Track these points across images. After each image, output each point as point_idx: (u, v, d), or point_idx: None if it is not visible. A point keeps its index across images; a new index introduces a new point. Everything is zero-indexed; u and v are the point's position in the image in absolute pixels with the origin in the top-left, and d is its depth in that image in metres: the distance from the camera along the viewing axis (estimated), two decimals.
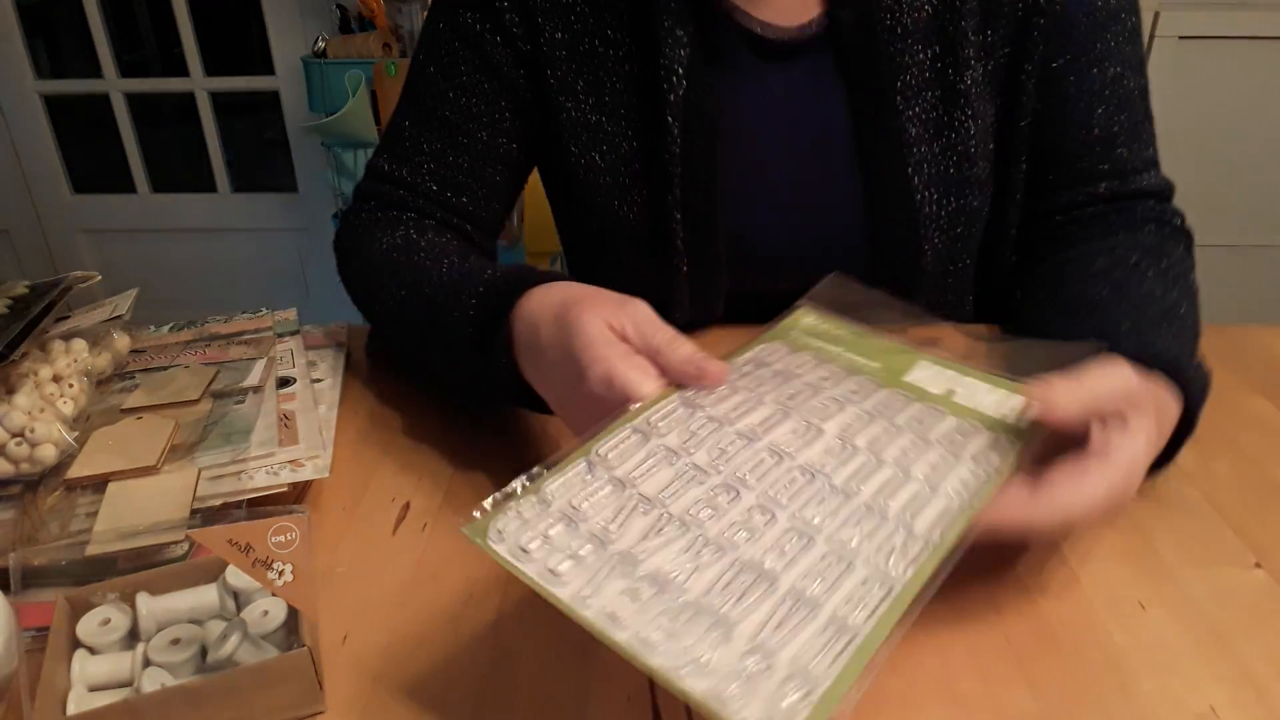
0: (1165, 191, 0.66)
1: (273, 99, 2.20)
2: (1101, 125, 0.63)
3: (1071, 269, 0.60)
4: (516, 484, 0.38)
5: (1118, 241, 0.61)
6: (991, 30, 0.61)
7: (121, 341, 0.63)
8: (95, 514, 0.47)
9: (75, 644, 0.40)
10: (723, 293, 0.69)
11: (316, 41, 1.83)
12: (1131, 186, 0.65)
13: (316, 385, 0.61)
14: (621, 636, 0.32)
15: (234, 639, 0.38)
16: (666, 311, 0.46)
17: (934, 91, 0.61)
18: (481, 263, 0.58)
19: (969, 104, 0.61)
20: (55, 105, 2.28)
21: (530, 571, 0.34)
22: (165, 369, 0.62)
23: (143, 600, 0.41)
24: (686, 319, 0.68)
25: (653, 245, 0.66)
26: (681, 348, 0.43)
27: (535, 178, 0.78)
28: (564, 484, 0.38)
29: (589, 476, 0.38)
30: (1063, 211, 0.66)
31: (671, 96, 0.62)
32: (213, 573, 0.42)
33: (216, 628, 0.39)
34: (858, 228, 0.65)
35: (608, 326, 0.44)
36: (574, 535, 0.36)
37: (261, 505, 0.48)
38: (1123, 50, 0.63)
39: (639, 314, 0.45)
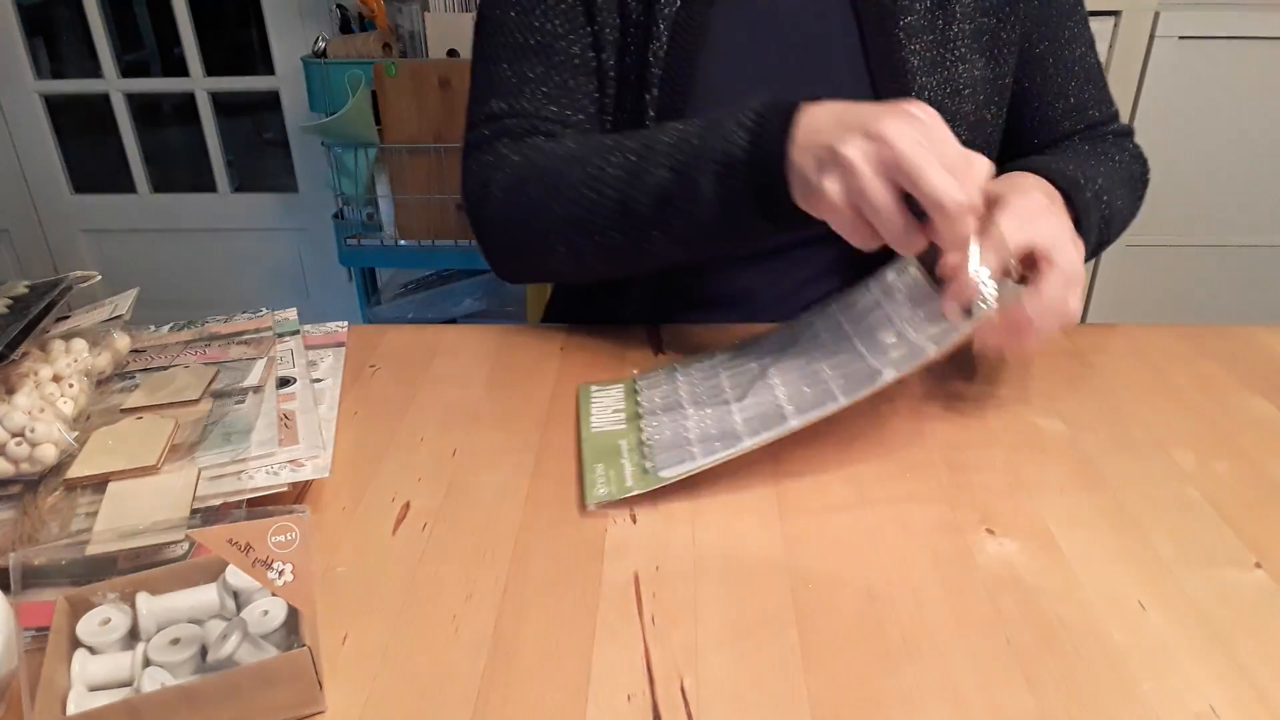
0: (1128, 131, 0.80)
1: (273, 99, 2.20)
2: (1075, 95, 0.77)
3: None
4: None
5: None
6: None
7: (121, 341, 0.63)
8: (95, 514, 0.47)
9: (75, 644, 0.40)
10: None
11: (316, 42, 1.82)
12: (1099, 133, 0.78)
13: (316, 385, 0.61)
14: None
15: (234, 639, 0.38)
16: None
17: (930, 35, 0.71)
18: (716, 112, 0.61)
19: (956, 49, 0.71)
20: (55, 105, 2.28)
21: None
22: (165, 369, 0.62)
23: (143, 600, 0.41)
24: None
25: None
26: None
27: None
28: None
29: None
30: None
31: (666, 10, 0.69)
32: (213, 573, 0.42)
33: (216, 628, 0.39)
34: None
35: None
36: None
37: (261, 505, 0.48)
38: (1084, 33, 0.77)
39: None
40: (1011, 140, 0.78)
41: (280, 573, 0.37)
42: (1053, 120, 0.77)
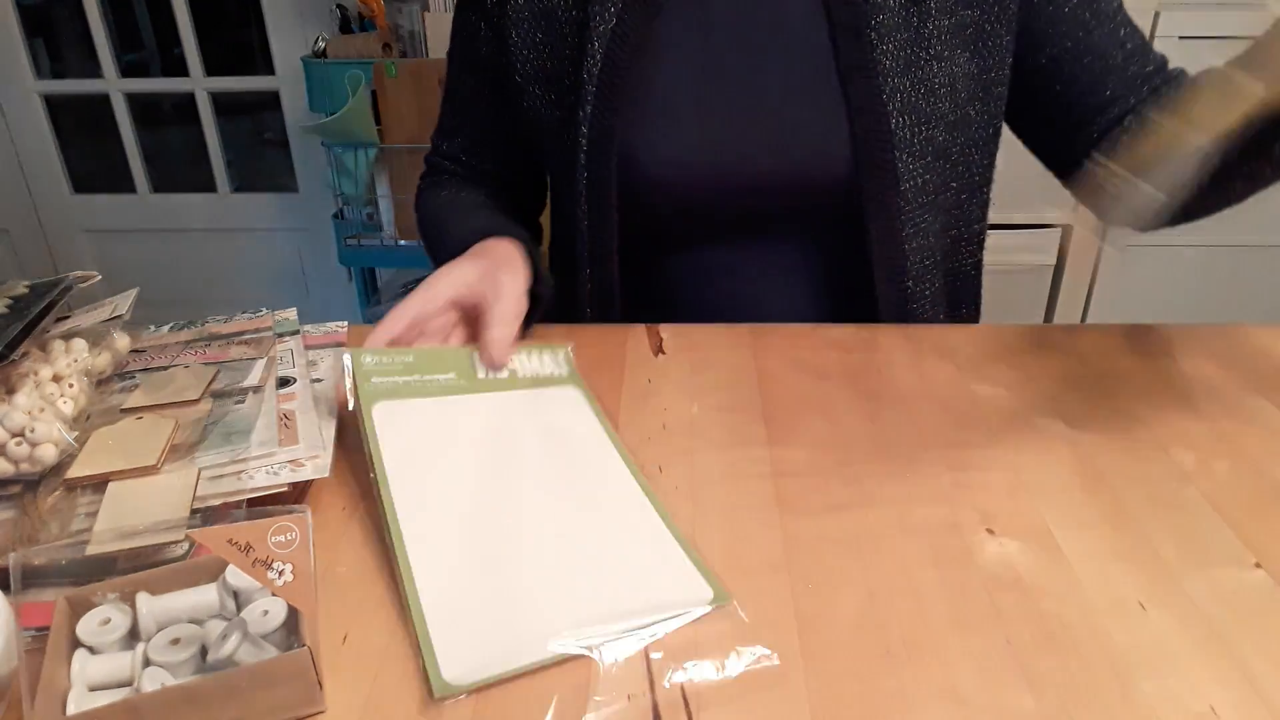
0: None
1: (273, 99, 2.20)
2: (1130, 40, 0.72)
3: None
4: None
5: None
6: None
7: (121, 341, 0.63)
8: (95, 514, 0.47)
9: (75, 644, 0.40)
10: (613, 213, 0.74)
11: (316, 41, 1.83)
12: (1172, 74, 0.73)
13: (316, 385, 0.60)
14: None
15: (234, 639, 0.38)
16: (574, 232, 0.72)
17: (904, 34, 0.69)
18: (482, 223, 0.72)
19: (932, 46, 0.70)
20: (55, 105, 2.28)
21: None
22: (165, 369, 0.62)
23: (143, 600, 0.41)
24: (587, 247, 0.76)
25: (563, 159, 0.75)
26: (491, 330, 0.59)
27: None
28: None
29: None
30: (1130, 110, 0.72)
31: (601, 28, 0.71)
32: (213, 573, 0.42)
33: (216, 628, 0.39)
34: (840, 149, 0.71)
35: (464, 285, 0.61)
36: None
37: (261, 505, 0.48)
38: None
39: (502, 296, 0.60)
40: (1071, 107, 0.72)
41: (280, 573, 0.37)
42: (1119, 66, 0.71)
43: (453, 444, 0.53)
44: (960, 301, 0.82)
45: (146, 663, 0.38)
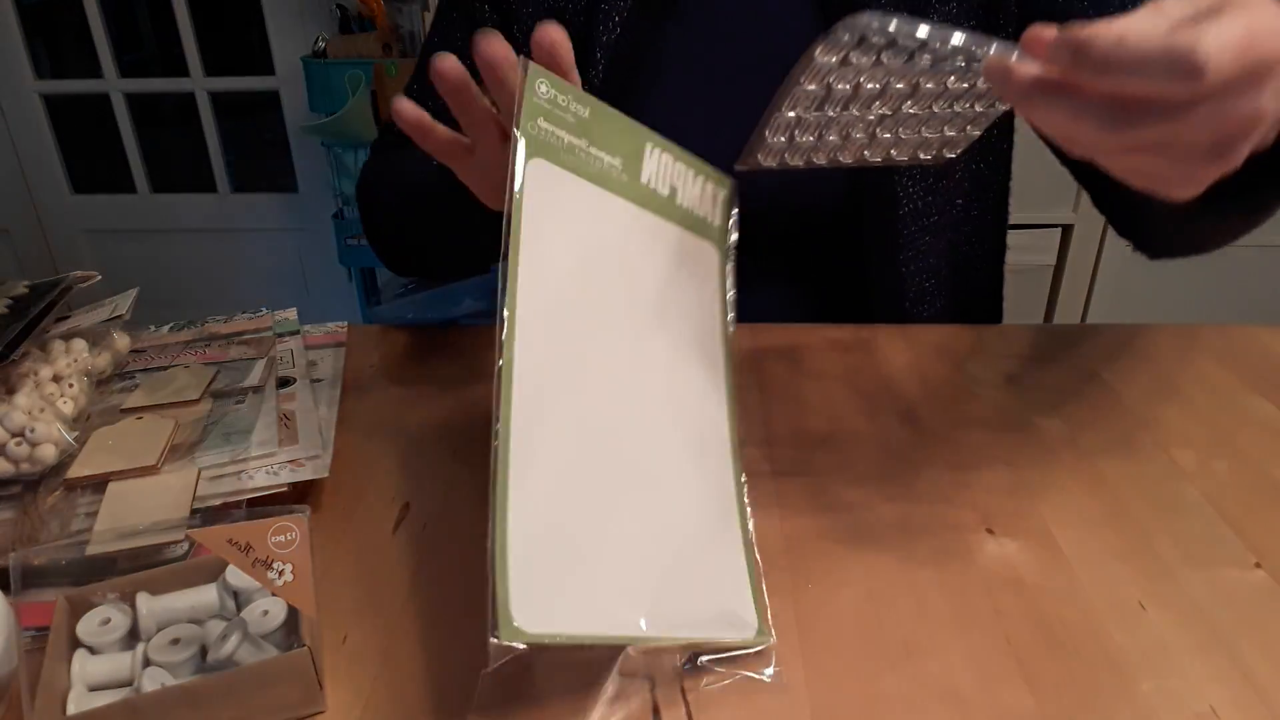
0: None
1: (273, 99, 2.20)
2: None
3: None
4: None
5: None
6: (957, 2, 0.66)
7: (121, 341, 0.63)
8: (95, 514, 0.47)
9: (75, 644, 0.40)
10: None
11: (316, 41, 1.83)
12: None
13: (316, 385, 0.60)
14: None
15: (234, 639, 0.38)
16: None
17: None
18: None
19: None
20: (55, 105, 2.28)
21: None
22: (165, 369, 0.62)
23: (143, 600, 0.41)
24: None
25: None
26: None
27: None
28: None
29: None
30: None
31: (605, 38, 0.68)
32: (213, 573, 0.42)
33: (216, 628, 0.39)
34: (837, 172, 0.67)
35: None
36: None
37: (261, 505, 0.48)
38: None
39: None
40: None
41: (280, 573, 0.37)
42: None
43: (594, 286, 0.43)
44: (972, 317, 0.80)
45: (146, 663, 0.38)
